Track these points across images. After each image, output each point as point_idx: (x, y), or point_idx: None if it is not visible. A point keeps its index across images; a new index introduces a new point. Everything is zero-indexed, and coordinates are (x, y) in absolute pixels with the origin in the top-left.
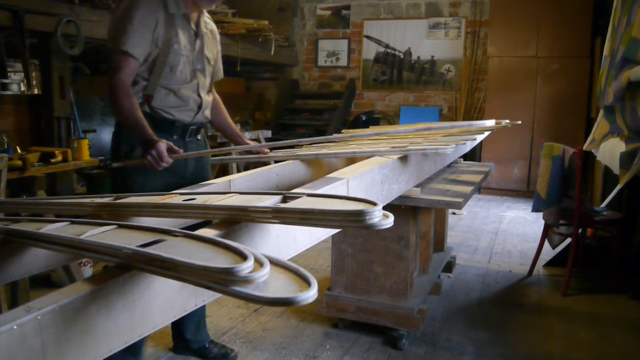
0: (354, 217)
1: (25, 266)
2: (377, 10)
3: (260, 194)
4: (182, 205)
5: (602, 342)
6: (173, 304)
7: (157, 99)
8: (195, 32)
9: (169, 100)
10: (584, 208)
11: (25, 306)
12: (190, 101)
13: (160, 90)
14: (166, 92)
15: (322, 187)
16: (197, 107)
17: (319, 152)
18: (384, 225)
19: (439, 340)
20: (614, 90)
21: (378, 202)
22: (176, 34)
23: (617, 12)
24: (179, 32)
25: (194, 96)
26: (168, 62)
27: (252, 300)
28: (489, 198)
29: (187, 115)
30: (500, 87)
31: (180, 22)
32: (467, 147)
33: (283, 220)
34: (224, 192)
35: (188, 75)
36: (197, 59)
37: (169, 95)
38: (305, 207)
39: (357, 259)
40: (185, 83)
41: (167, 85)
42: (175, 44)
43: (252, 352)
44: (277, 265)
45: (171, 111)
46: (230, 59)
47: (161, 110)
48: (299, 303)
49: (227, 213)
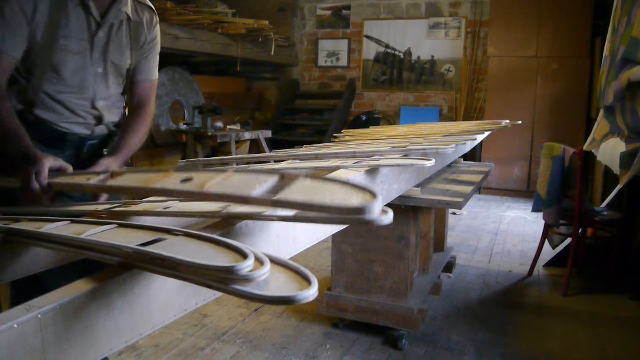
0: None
1: (25, 266)
2: (377, 10)
3: (258, 172)
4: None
5: (602, 342)
6: (173, 303)
7: (40, 106)
8: (97, 22)
9: (55, 111)
10: (584, 208)
11: (25, 305)
12: (83, 113)
13: (42, 96)
14: (50, 100)
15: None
16: (96, 120)
17: (318, 151)
18: (383, 222)
19: (439, 340)
20: (614, 90)
21: (377, 194)
22: (66, 24)
23: (617, 12)
24: (71, 21)
25: (88, 109)
26: (51, 61)
27: (253, 299)
28: (489, 198)
29: (82, 127)
30: (500, 87)
31: (74, 7)
32: (467, 147)
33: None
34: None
35: (81, 80)
36: (97, 59)
37: (53, 104)
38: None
39: (357, 258)
40: (76, 91)
41: (51, 91)
42: (62, 38)
43: (252, 352)
44: (277, 264)
45: (60, 123)
46: (230, 59)
47: (47, 121)
48: (299, 301)
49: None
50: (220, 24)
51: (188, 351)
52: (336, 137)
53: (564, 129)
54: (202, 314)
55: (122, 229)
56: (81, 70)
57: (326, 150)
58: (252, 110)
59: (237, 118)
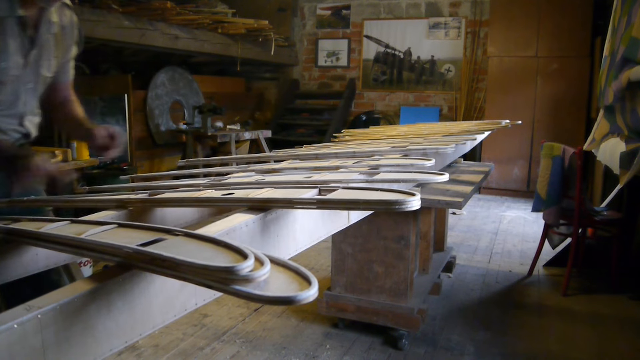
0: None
1: (25, 266)
2: (377, 10)
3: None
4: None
5: (602, 342)
6: (173, 303)
7: None
8: (32, 38)
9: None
10: (584, 208)
11: (25, 305)
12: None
13: None
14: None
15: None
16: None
17: (318, 151)
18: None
19: (439, 340)
20: (614, 90)
21: (416, 193)
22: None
23: (617, 12)
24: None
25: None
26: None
27: (253, 299)
28: (489, 198)
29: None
30: (500, 87)
31: (12, 28)
32: (467, 147)
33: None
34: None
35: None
36: (29, 75)
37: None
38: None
39: (357, 258)
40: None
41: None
42: (3, 61)
43: (252, 351)
44: (277, 265)
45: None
46: (230, 59)
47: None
48: (299, 302)
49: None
50: (220, 24)
51: (188, 351)
52: (336, 137)
53: (564, 129)
54: (202, 314)
55: (122, 229)
56: (15, 89)
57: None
58: (252, 110)
59: (237, 118)
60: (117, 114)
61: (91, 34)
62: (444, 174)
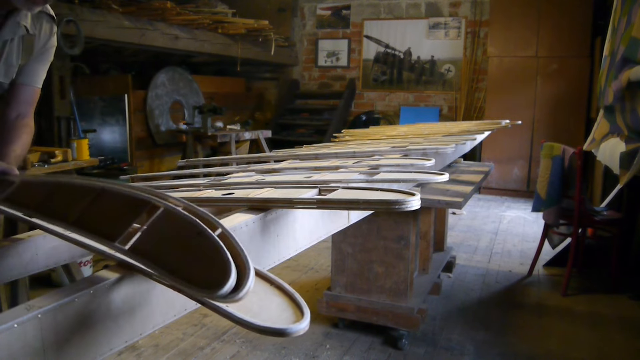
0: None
1: (25, 266)
2: (377, 10)
3: (297, 187)
4: (227, 199)
5: (602, 342)
6: (174, 303)
7: None
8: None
9: None
10: (583, 208)
11: (25, 305)
12: None
13: None
14: None
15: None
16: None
17: (318, 151)
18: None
19: (439, 340)
20: (614, 90)
21: (416, 193)
22: None
23: (617, 12)
24: None
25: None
26: None
27: (244, 326)
28: (489, 198)
29: None
30: (500, 87)
31: None
32: (467, 147)
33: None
34: (260, 187)
35: None
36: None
37: None
38: (349, 197)
39: (357, 258)
40: None
41: None
42: None
43: (252, 351)
44: (273, 285)
45: None
46: (230, 59)
47: None
48: (289, 335)
49: (274, 205)
50: (220, 24)
51: (188, 351)
52: (336, 137)
53: (564, 129)
54: (202, 314)
55: None
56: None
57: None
58: (252, 110)
59: (237, 118)
60: (117, 114)
61: (91, 34)
62: (444, 174)
